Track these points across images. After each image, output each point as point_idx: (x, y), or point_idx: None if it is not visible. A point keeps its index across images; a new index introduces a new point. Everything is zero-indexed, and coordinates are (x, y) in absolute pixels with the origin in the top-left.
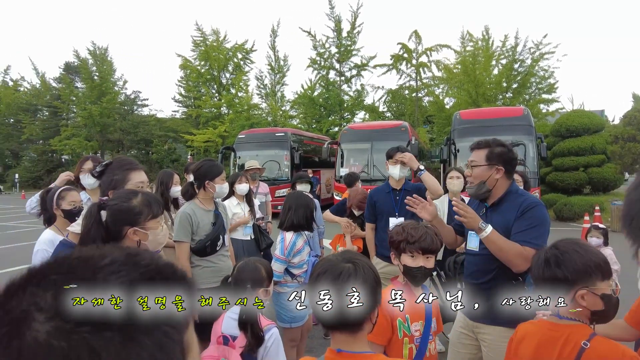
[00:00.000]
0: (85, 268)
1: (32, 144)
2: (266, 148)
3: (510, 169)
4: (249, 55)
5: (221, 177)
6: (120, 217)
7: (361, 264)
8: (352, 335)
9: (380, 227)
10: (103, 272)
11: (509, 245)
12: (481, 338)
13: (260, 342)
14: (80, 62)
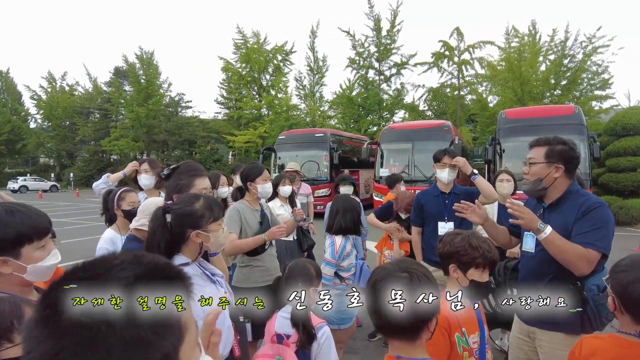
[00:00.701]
0: (101, 267)
1: (85, 145)
2: (306, 148)
3: (571, 168)
4: (288, 57)
5: (262, 177)
6: (183, 220)
7: (417, 274)
8: (411, 343)
9: (428, 231)
10: (115, 269)
11: (571, 247)
12: (538, 344)
13: (311, 339)
14: (128, 66)
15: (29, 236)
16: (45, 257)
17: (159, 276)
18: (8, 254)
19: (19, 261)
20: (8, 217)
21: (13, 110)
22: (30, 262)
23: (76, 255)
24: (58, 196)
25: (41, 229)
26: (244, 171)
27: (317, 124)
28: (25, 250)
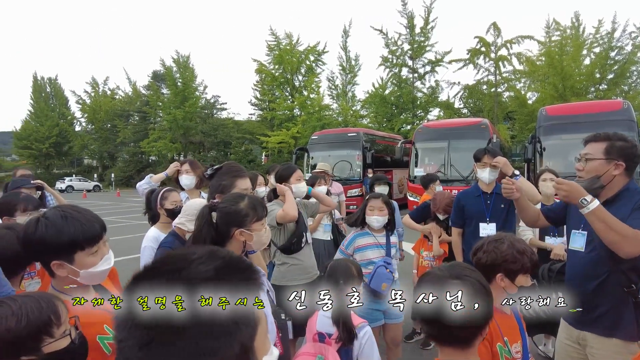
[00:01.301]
0: (182, 261)
1: (125, 146)
2: (338, 148)
3: (632, 165)
4: (320, 57)
5: (295, 177)
6: (228, 218)
7: (470, 281)
8: (464, 350)
9: (469, 232)
10: (195, 263)
11: (619, 224)
12: (589, 352)
13: (352, 338)
14: (165, 70)
15: (80, 244)
16: (97, 263)
17: (235, 269)
18: (63, 259)
19: (72, 266)
20: (62, 223)
21: (60, 115)
22: (83, 267)
23: (120, 252)
24: (100, 196)
25: (93, 237)
26: (278, 172)
27: (349, 123)
28: (78, 256)
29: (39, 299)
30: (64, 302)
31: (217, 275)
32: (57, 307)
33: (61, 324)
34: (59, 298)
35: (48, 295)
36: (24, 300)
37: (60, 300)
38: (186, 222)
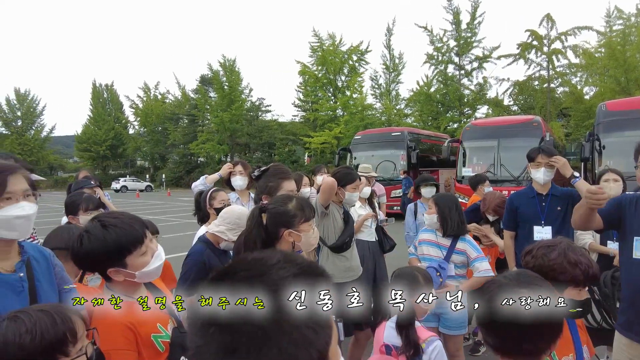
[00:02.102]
0: (261, 265)
1: (175, 148)
2: (382, 148)
3: None
4: (363, 57)
5: (352, 186)
6: (277, 219)
7: (539, 290)
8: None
9: (522, 236)
10: (274, 268)
11: None
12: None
13: (417, 351)
14: (212, 74)
15: (127, 248)
16: (150, 262)
17: (311, 275)
18: (116, 265)
19: (127, 270)
20: (104, 233)
21: (116, 119)
22: (137, 269)
23: (171, 249)
24: (152, 195)
25: (136, 239)
26: (337, 174)
27: (393, 122)
28: (129, 260)
29: (55, 315)
30: (81, 316)
31: (295, 281)
32: (74, 323)
33: (77, 341)
34: (78, 312)
35: (64, 309)
36: (39, 315)
37: (79, 314)
38: (226, 230)
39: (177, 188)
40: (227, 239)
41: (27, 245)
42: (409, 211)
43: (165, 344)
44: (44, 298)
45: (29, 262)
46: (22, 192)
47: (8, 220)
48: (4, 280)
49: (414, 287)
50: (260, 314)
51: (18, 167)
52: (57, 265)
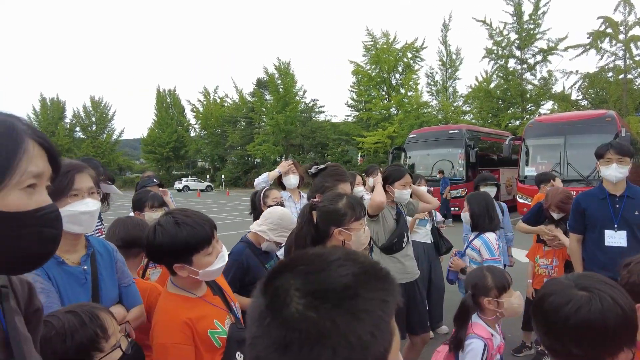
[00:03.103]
0: (320, 261)
1: (233, 150)
2: (438, 147)
3: None
4: (418, 54)
5: (401, 183)
6: (327, 217)
7: (601, 296)
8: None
9: (591, 240)
10: (333, 265)
11: None
12: None
13: (458, 345)
14: (268, 77)
15: (195, 247)
16: (213, 262)
17: (373, 277)
18: (182, 261)
19: (192, 267)
20: (176, 230)
21: (178, 122)
22: (201, 267)
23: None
24: (212, 195)
25: (204, 239)
26: (386, 172)
27: (450, 120)
28: (195, 258)
29: (83, 314)
30: (110, 312)
31: (355, 283)
32: (102, 320)
33: (110, 337)
34: (106, 309)
35: (92, 308)
36: (67, 317)
37: (107, 310)
38: (267, 230)
39: (236, 188)
40: (268, 239)
41: (93, 240)
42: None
43: (221, 339)
44: (104, 291)
45: (93, 255)
46: (87, 189)
47: (75, 215)
48: (70, 272)
49: (482, 289)
50: (316, 311)
51: (84, 166)
52: (118, 260)
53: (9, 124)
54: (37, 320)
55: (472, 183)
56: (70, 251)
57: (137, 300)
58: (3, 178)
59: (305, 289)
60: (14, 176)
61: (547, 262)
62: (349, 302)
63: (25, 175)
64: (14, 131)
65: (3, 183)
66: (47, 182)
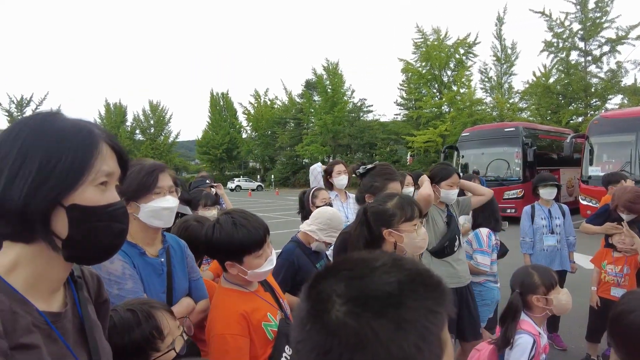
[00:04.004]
0: (364, 267)
1: (283, 150)
2: (493, 145)
3: None
4: (471, 49)
5: (449, 182)
6: (377, 218)
7: None
8: None
9: None
10: (377, 271)
11: None
12: None
13: (505, 343)
14: (317, 78)
15: (248, 249)
16: (262, 265)
17: (421, 285)
18: (234, 260)
19: (241, 267)
20: (233, 230)
21: (231, 124)
22: (250, 268)
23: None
24: (262, 194)
25: (258, 242)
26: (433, 170)
27: (505, 117)
28: (247, 259)
29: (140, 313)
30: (168, 311)
31: (400, 291)
32: (158, 320)
33: (165, 337)
34: (165, 307)
35: (150, 307)
36: (126, 315)
37: (165, 309)
38: (317, 230)
39: (285, 188)
40: (318, 239)
41: (167, 235)
42: (525, 214)
43: (274, 332)
44: (177, 282)
45: (168, 249)
46: (168, 187)
47: (157, 211)
48: (150, 263)
49: (528, 285)
50: (357, 319)
51: (166, 166)
52: (189, 255)
53: (87, 129)
54: (105, 311)
55: (529, 183)
56: (150, 244)
57: (204, 294)
58: (82, 175)
59: (347, 295)
60: (90, 174)
61: (617, 269)
62: (391, 310)
63: (99, 174)
64: (91, 135)
65: (81, 180)
66: (116, 182)
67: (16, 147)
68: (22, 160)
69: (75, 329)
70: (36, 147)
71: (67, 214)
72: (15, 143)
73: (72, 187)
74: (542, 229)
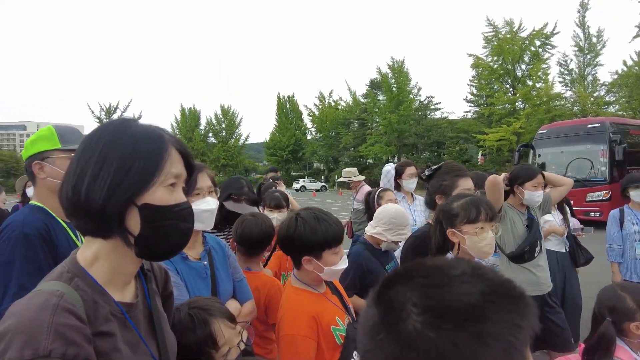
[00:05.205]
0: (441, 275)
1: (346, 151)
2: (575, 143)
3: None
4: (549, 40)
5: (533, 183)
6: (444, 217)
7: None
8: None
9: None
10: (456, 281)
11: None
12: None
13: None
14: (381, 77)
15: (329, 243)
16: (338, 262)
17: (504, 297)
18: (313, 255)
19: (319, 262)
20: (316, 224)
21: (296, 126)
22: (327, 264)
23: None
24: (326, 195)
25: (338, 238)
26: (514, 171)
27: (588, 113)
28: (325, 254)
29: (197, 318)
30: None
31: (482, 302)
32: (213, 329)
33: (219, 347)
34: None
35: (208, 315)
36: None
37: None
38: (383, 231)
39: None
40: (386, 240)
41: (208, 237)
42: (612, 219)
43: (342, 337)
44: (221, 285)
45: (210, 251)
46: (207, 188)
47: (197, 213)
48: (193, 267)
49: (619, 309)
50: (435, 331)
51: (204, 166)
52: (230, 255)
53: (158, 134)
54: (170, 303)
55: (617, 184)
56: (191, 247)
57: (249, 295)
58: (154, 176)
59: (424, 305)
60: (160, 176)
61: None
62: (474, 324)
63: (169, 175)
64: (162, 140)
65: (153, 180)
66: (183, 184)
67: (97, 151)
68: (102, 163)
69: (145, 319)
70: (113, 151)
71: (140, 212)
72: (97, 148)
73: (144, 188)
74: (634, 235)
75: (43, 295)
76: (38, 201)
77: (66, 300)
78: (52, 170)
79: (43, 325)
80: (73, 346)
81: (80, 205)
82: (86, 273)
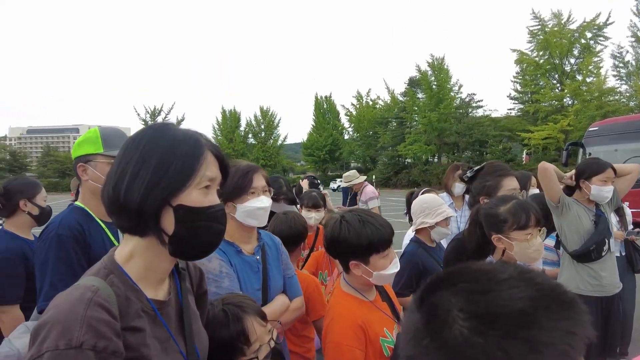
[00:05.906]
0: (487, 280)
1: (384, 151)
2: (631, 140)
3: None
4: (601, 32)
5: (601, 178)
6: (488, 221)
7: None
8: None
9: None
10: (504, 285)
11: None
12: None
13: None
14: (420, 75)
15: (376, 247)
16: (388, 266)
17: (555, 301)
18: (360, 259)
19: (367, 267)
20: (360, 227)
21: (333, 126)
22: (376, 269)
23: None
24: None
25: (386, 240)
26: (580, 166)
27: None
28: (373, 259)
29: (230, 314)
30: (259, 316)
31: (533, 308)
32: (245, 326)
33: (252, 343)
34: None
35: (241, 311)
36: (219, 314)
37: (256, 314)
38: (424, 219)
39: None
40: (430, 223)
41: (262, 233)
42: None
43: (390, 349)
44: (272, 279)
45: (263, 247)
46: (262, 187)
47: (253, 210)
48: (247, 260)
49: None
50: (484, 337)
51: (259, 167)
52: (283, 252)
53: (194, 138)
54: (204, 301)
55: None
56: (246, 242)
57: (298, 292)
58: (189, 179)
59: (470, 311)
60: (195, 178)
61: None
62: (524, 330)
63: (204, 178)
64: (198, 144)
65: (188, 183)
66: (217, 186)
67: (138, 152)
68: (142, 163)
69: (176, 316)
70: (153, 153)
71: (174, 212)
72: (138, 149)
73: (180, 189)
74: None
75: (80, 289)
76: (81, 201)
77: (100, 295)
78: (93, 174)
79: (77, 318)
80: (103, 339)
81: (120, 203)
82: (121, 270)
